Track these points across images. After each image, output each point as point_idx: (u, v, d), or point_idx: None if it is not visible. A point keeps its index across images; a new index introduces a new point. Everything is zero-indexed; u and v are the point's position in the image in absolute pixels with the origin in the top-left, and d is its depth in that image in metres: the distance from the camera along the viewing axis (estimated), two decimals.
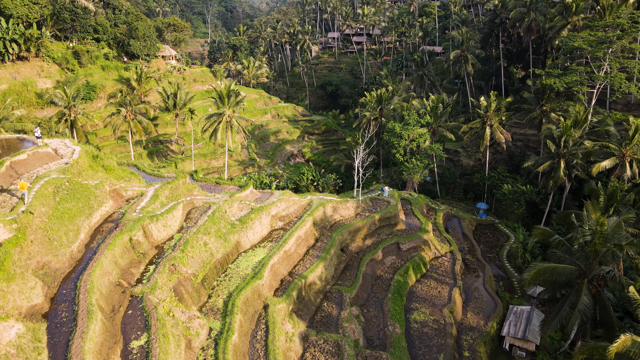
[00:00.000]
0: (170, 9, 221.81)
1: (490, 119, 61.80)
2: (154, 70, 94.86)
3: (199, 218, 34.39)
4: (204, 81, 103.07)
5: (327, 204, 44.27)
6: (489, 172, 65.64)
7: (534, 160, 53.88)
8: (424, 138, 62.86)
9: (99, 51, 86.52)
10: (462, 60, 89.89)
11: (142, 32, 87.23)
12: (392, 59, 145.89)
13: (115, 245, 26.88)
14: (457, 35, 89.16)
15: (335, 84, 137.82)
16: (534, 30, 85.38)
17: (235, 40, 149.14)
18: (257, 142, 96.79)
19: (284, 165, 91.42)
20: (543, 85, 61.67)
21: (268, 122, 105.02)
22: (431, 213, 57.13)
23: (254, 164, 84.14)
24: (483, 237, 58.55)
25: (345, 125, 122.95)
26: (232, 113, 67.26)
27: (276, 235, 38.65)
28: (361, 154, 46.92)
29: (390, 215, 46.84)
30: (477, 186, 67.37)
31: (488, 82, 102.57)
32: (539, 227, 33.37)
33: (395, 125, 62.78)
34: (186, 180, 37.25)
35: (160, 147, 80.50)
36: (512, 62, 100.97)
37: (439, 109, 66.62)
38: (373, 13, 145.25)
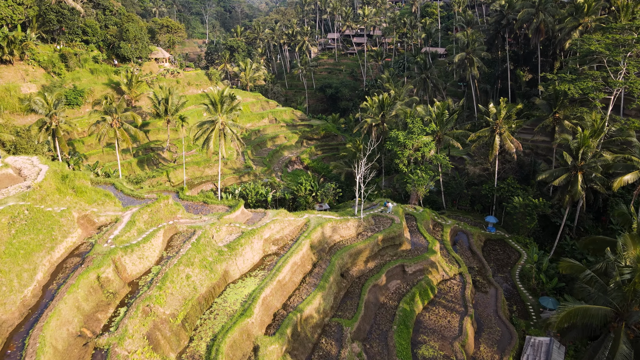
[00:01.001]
0: (167, 9, 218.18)
1: (499, 127, 58.01)
2: (146, 73, 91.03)
3: (182, 246, 30.60)
4: (199, 85, 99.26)
5: (325, 223, 40.48)
6: (498, 183, 61.85)
7: (549, 173, 50.10)
8: (429, 147, 59.09)
9: (87, 54, 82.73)
10: (468, 63, 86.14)
11: (133, 33, 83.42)
12: (393, 60, 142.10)
13: (78, 286, 23.08)
14: (462, 37, 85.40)
15: (335, 86, 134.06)
16: (542, 32, 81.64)
17: (232, 42, 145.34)
18: (254, 148, 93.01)
19: (281, 172, 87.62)
20: (556, 91, 57.87)
21: (265, 127, 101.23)
22: (437, 229, 53.35)
23: (250, 172, 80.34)
24: (493, 253, 54.80)
25: (346, 129, 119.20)
26: (225, 120, 63.45)
27: (269, 261, 34.86)
28: (362, 168, 43.09)
29: (394, 235, 43.06)
30: (485, 197, 63.60)
31: (494, 86, 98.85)
32: (567, 260, 29.56)
33: (398, 133, 58.99)
34: (169, 202, 33.43)
35: (151, 155, 76.69)
36: (518, 64, 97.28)
37: (445, 116, 62.86)
38: (374, 13, 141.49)
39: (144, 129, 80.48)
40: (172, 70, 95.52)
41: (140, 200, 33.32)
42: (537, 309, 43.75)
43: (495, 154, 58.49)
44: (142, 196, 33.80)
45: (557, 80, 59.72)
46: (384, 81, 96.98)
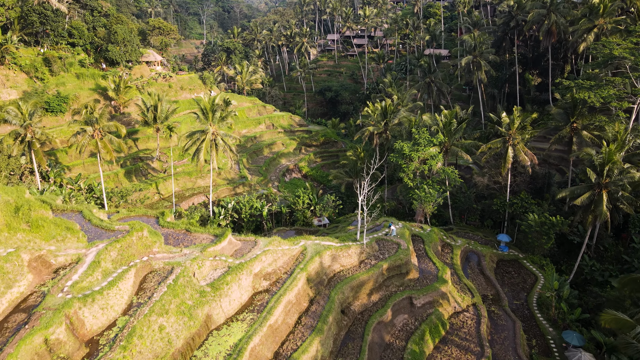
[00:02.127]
0: (164, 10, 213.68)
1: (513, 138, 53.59)
2: (136, 77, 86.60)
3: (156, 288, 26.18)
4: (192, 89, 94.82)
5: (324, 252, 36.06)
6: (510, 198, 57.40)
7: (569, 191, 45.68)
8: (437, 160, 54.65)
9: (73, 57, 78.28)
10: (475, 67, 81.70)
11: (121, 36, 78.98)
12: (395, 62, 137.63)
13: (17, 356, 18.63)
14: (468, 40, 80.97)
15: (335, 89, 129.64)
16: (554, 34, 77.22)
17: (229, 43, 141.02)
18: (250, 155, 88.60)
19: (278, 182, 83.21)
20: (574, 99, 53.44)
21: (262, 133, 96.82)
22: (447, 250, 48.92)
23: (245, 183, 75.89)
24: (507, 276, 50.37)
25: (346, 134, 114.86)
26: (217, 130, 59.04)
27: (259, 300, 30.44)
28: (365, 189, 38.67)
29: (400, 263, 38.64)
30: (496, 213, 59.16)
31: (501, 90, 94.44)
32: (610, 312, 25.12)
33: (403, 145, 54.55)
34: (143, 234, 28.95)
35: (140, 165, 72.24)
36: (527, 68, 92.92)
37: (453, 125, 58.43)
38: (375, 14, 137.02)
39: (132, 137, 76.15)
40: (164, 74, 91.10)
41: (110, 233, 28.85)
42: (560, 344, 39.34)
43: (508, 167, 54.08)
44: (112, 228, 29.31)
45: (575, 87, 55.30)
46: (386, 85, 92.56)
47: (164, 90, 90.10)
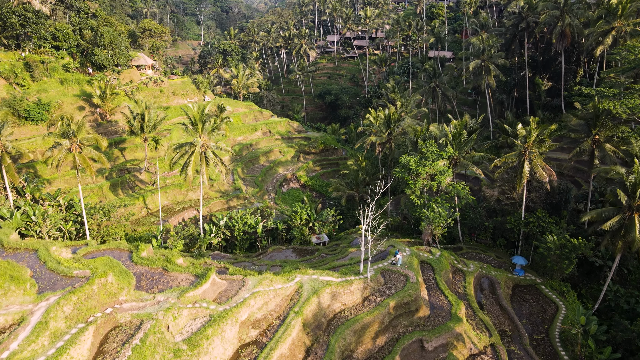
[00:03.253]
0: (160, 10, 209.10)
1: (529, 152, 49.00)
2: (125, 82, 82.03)
3: (120, 351, 21.58)
4: (185, 94, 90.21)
5: (322, 290, 31.47)
6: (525, 216, 52.78)
7: (596, 213, 41.12)
8: (446, 175, 50.02)
9: (57, 62, 73.64)
10: (483, 71, 77.07)
11: (108, 39, 74.37)
12: (397, 65, 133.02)
13: None
14: (476, 42, 76.38)
15: (335, 93, 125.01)
16: (567, 37, 72.65)
17: (225, 45, 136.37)
18: (245, 164, 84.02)
19: (275, 193, 78.61)
20: (596, 109, 48.88)
21: (258, 140, 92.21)
22: (459, 277, 44.32)
23: (239, 195, 71.29)
24: (524, 305, 45.78)
25: (346, 140, 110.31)
26: (207, 142, 54.44)
27: (246, 356, 25.86)
28: (371, 216, 34.10)
29: (409, 300, 34.06)
30: (510, 232, 54.54)
31: (509, 95, 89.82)
32: None
33: (410, 159, 49.92)
34: (107, 280, 24.33)
35: (127, 177, 67.64)
36: (536, 72, 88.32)
37: (463, 137, 53.87)
38: (376, 15, 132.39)
39: (119, 147, 71.60)
40: (155, 79, 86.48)
41: (66, 280, 24.25)
42: None
43: (524, 183, 49.47)
44: (69, 273, 24.66)
45: (597, 96, 50.74)
46: (389, 91, 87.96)
47: (155, 95, 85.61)
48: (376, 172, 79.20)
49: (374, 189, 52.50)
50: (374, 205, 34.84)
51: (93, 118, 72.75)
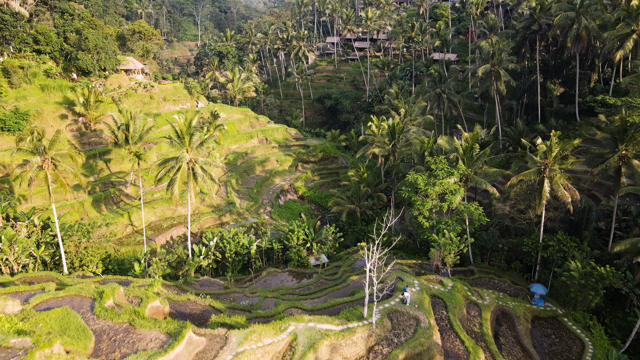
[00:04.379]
0: (156, 11, 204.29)
1: (550, 169, 44.31)
2: (112, 88, 77.34)
3: None
4: (177, 100, 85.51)
5: (320, 342, 26.79)
6: (544, 238, 48.05)
7: (630, 244, 36.52)
8: (457, 194, 45.30)
9: (38, 67, 68.93)
10: (493, 77, 72.34)
11: (93, 42, 69.67)
12: (399, 68, 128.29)
13: None
14: (485, 46, 71.69)
15: (335, 97, 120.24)
16: (583, 40, 67.92)
17: (221, 47, 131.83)
18: (240, 175, 79.30)
19: (271, 207, 73.89)
20: (623, 122, 44.22)
21: (254, 148, 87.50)
22: (474, 313, 39.61)
23: (233, 210, 66.59)
24: (546, 341, 41.06)
25: (347, 147, 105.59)
26: (195, 157, 49.72)
27: None
28: (377, 255, 29.42)
29: (421, 350, 29.37)
30: (527, 255, 49.77)
31: (519, 101, 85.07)
32: None
33: (417, 177, 45.18)
34: (53, 351, 19.59)
35: (111, 191, 62.97)
36: (548, 76, 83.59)
37: (475, 151, 49.19)
38: (378, 16, 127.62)
39: (104, 158, 66.93)
40: (145, 84, 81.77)
41: (0, 354, 19.54)
42: None
43: (544, 204, 44.74)
44: (5, 344, 19.91)
45: (624, 107, 46.07)
46: (392, 97, 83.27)
47: (145, 102, 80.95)
48: (379, 183, 74.64)
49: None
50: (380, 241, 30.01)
51: (76, 127, 68.07)
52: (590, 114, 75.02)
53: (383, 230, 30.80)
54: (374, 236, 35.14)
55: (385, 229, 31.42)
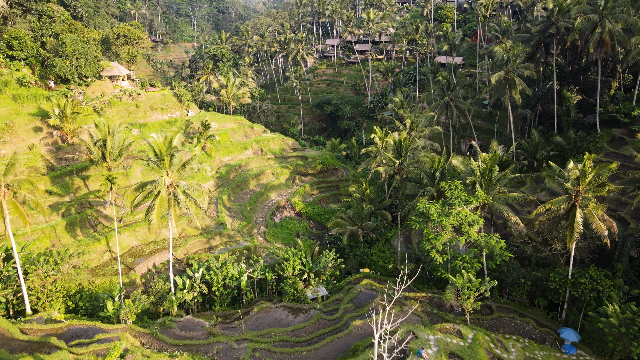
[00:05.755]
0: (150, 12, 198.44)
1: (583, 197, 38.44)
2: (95, 96, 71.48)
3: None
4: (165, 108, 79.61)
5: None
6: (573, 273, 42.15)
7: None
8: (476, 226, 39.41)
9: (10, 74, 63.05)
10: (507, 85, 66.45)
11: (71, 48, 63.81)
12: (401, 71, 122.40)
13: None
14: (499, 51, 65.79)
15: (335, 103, 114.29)
16: (607, 45, 62.16)
17: (216, 50, 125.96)
18: (232, 190, 73.39)
19: (265, 226, 68.00)
20: None
21: (248, 160, 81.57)
22: None
23: (223, 232, 60.70)
24: None
25: (347, 156, 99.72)
26: (176, 180, 43.83)
27: None
28: (388, 325, 23.50)
29: None
30: (554, 292, 43.83)
31: (533, 109, 79.16)
32: None
33: (430, 207, 39.23)
34: None
35: (88, 213, 57.07)
36: (564, 83, 77.72)
37: (494, 174, 43.31)
38: (380, 18, 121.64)
39: (82, 175, 61.04)
40: (130, 91, 75.88)
41: None
42: None
43: (577, 237, 38.82)
44: None
45: None
46: (397, 106, 77.36)
47: (130, 111, 75.13)
48: (382, 200, 68.80)
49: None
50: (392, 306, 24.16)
51: (52, 141, 62.22)
52: (612, 125, 69.23)
53: (397, 292, 24.71)
54: (384, 302, 29.18)
55: (398, 292, 25.30)
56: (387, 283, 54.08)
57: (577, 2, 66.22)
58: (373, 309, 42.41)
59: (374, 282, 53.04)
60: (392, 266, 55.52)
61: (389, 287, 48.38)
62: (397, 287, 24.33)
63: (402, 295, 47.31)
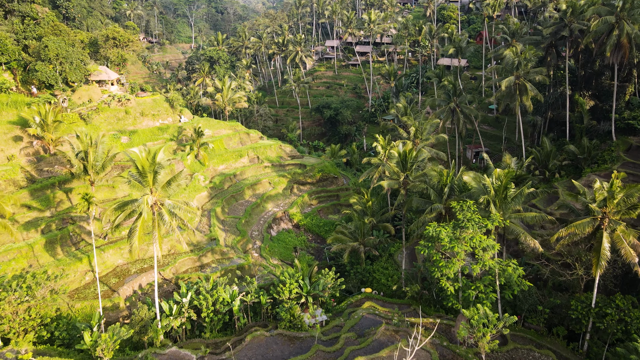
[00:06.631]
0: (146, 12, 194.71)
1: (610, 220, 34.61)
2: (82, 102, 67.66)
3: None
4: (156, 114, 75.75)
5: None
6: (597, 303, 38.33)
7: None
8: (490, 251, 35.57)
9: None
10: (517, 91, 62.59)
11: (54, 51, 59.97)
12: (403, 73, 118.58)
13: None
14: (509, 55, 61.93)
15: (335, 107, 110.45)
16: (625, 48, 58.41)
17: (212, 52, 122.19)
18: (227, 201, 69.53)
19: (261, 241, 64.14)
20: None
21: (244, 168, 77.70)
22: None
23: (215, 249, 56.80)
24: None
25: (348, 163, 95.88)
26: (161, 198, 40.00)
27: None
28: None
29: None
30: (576, 321, 39.99)
31: (543, 115, 75.32)
32: None
33: (441, 231, 35.36)
34: None
35: (70, 229, 53.17)
36: (576, 88, 73.89)
37: (509, 191, 39.45)
38: (382, 19, 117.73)
39: (64, 187, 57.11)
40: (119, 97, 72.00)
41: None
42: None
43: (604, 265, 34.98)
44: None
45: None
46: (400, 112, 73.50)
47: (119, 117, 71.24)
48: (385, 212, 64.98)
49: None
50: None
51: (33, 151, 58.37)
52: (628, 133, 65.42)
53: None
54: (389, 332, 25.28)
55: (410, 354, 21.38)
56: (391, 306, 50.42)
57: (592, 3, 62.35)
58: (377, 340, 38.75)
59: (377, 304, 49.25)
60: (396, 287, 51.66)
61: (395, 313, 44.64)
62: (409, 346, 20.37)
63: (407, 322, 43.61)
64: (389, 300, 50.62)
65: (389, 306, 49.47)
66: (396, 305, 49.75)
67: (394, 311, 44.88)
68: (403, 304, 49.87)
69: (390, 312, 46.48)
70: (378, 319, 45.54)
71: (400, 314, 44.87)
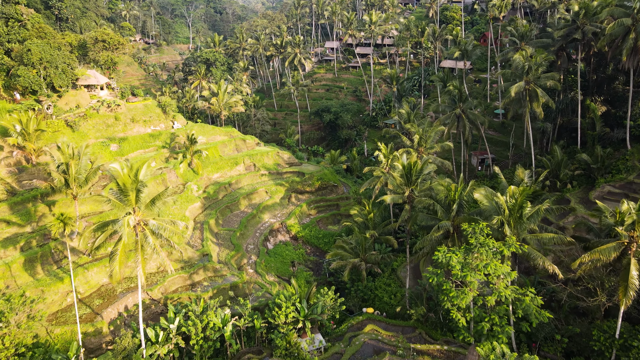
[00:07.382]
0: (143, 12, 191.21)
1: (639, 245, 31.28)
2: (69, 108, 64.38)
3: None
4: (148, 120, 72.40)
5: None
6: (622, 333, 34.96)
7: None
8: (507, 279, 32.23)
9: None
10: (527, 97, 59.22)
11: (37, 55, 56.64)
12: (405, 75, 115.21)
13: None
14: (519, 59, 58.54)
15: (335, 111, 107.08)
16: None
17: (208, 54, 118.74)
18: (221, 212, 66.17)
19: (257, 255, 60.80)
20: None
21: (240, 177, 74.30)
22: None
23: (207, 266, 53.41)
24: None
25: (348, 169, 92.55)
26: (145, 218, 36.66)
27: None
28: None
29: None
30: (598, 353, 36.63)
31: (553, 122, 71.91)
32: None
33: (452, 257, 31.99)
34: None
35: (52, 246, 49.74)
36: (587, 93, 70.53)
37: (525, 210, 36.10)
38: (383, 20, 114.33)
39: (46, 201, 53.69)
40: (109, 102, 68.70)
41: None
42: None
43: (632, 295, 31.63)
44: None
45: None
46: (403, 119, 70.15)
47: (109, 124, 67.94)
48: (387, 224, 61.62)
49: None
50: None
51: (14, 161, 54.99)
52: None
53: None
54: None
55: None
56: (394, 329, 47.14)
57: (606, 4, 59.03)
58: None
59: (380, 327, 45.94)
60: (400, 308, 48.34)
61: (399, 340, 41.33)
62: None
63: (413, 351, 40.32)
64: (392, 322, 47.31)
65: (392, 329, 46.18)
66: (400, 328, 46.53)
67: (399, 338, 41.47)
68: (407, 326, 46.61)
69: (394, 338, 43.21)
70: (381, 346, 42.29)
71: (404, 341, 41.59)
